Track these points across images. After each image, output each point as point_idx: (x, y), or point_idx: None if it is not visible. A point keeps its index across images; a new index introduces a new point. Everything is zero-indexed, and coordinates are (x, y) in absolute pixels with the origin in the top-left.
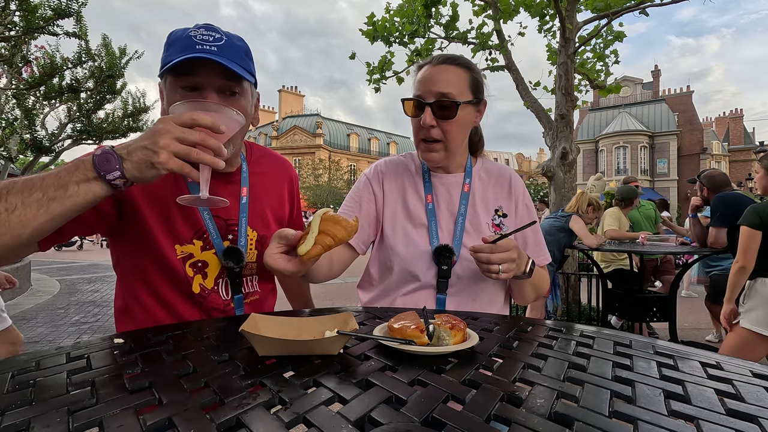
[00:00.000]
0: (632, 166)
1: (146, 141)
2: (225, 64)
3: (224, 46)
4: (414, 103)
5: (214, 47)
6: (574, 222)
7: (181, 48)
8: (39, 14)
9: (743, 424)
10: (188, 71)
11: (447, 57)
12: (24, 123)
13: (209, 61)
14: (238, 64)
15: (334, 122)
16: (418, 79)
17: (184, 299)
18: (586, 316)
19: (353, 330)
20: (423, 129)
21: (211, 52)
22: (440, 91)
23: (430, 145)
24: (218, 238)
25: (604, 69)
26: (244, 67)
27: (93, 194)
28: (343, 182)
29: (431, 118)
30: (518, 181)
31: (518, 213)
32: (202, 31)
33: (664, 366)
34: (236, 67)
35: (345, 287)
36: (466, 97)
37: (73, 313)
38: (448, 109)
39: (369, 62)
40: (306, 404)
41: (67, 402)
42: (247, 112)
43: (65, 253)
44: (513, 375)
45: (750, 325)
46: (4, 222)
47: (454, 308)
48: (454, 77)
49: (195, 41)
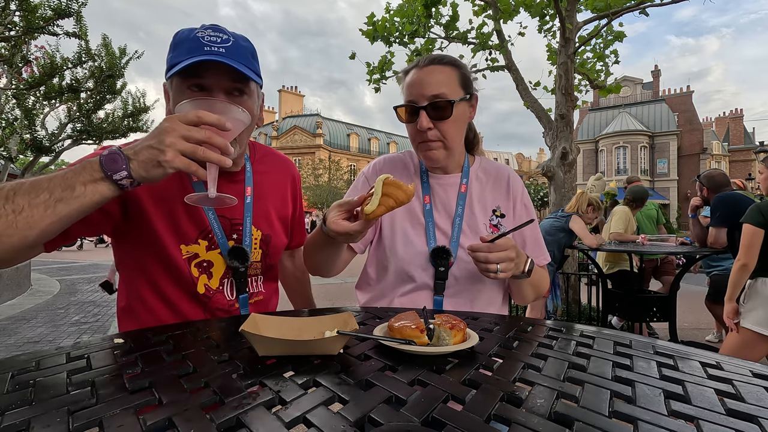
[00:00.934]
0: (632, 166)
1: (152, 140)
2: (234, 66)
3: (231, 47)
4: (407, 109)
5: (222, 48)
6: (574, 222)
7: (189, 49)
8: (39, 14)
9: (743, 424)
10: (197, 73)
11: (433, 57)
12: (24, 123)
13: (217, 62)
14: (245, 65)
15: (334, 122)
16: (407, 84)
17: (188, 299)
18: (586, 316)
19: (353, 330)
20: (420, 133)
21: (220, 53)
22: (432, 92)
23: (430, 145)
24: (223, 237)
25: (604, 69)
26: (250, 68)
27: (100, 195)
28: (343, 182)
29: (427, 121)
30: (516, 180)
31: (516, 212)
32: (209, 32)
33: (664, 366)
34: (244, 69)
35: (345, 287)
36: (459, 94)
37: (73, 313)
38: (443, 110)
39: (369, 62)
40: (306, 404)
41: (67, 402)
42: (253, 112)
43: (65, 253)
44: (513, 375)
45: (750, 325)
46: (12, 223)
47: (452, 309)
48: (444, 77)
49: (203, 42)
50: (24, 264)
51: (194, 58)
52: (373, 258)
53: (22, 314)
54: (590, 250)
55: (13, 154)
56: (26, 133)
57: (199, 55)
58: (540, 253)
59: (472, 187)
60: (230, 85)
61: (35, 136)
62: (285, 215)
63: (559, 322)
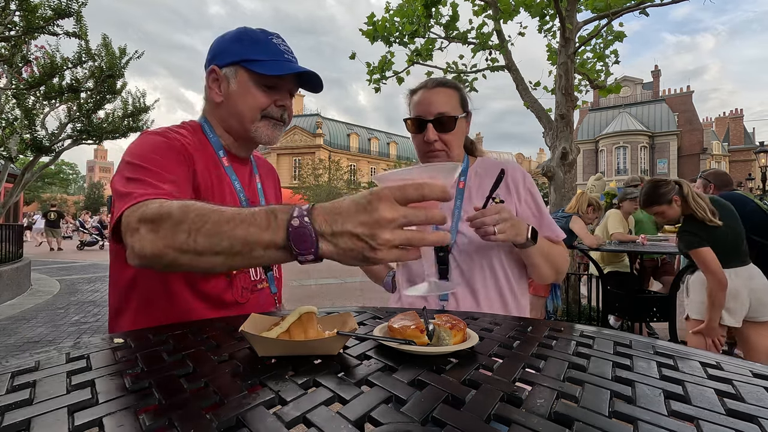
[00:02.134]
0: (632, 166)
1: (362, 228)
2: (318, 79)
3: (295, 56)
4: (416, 122)
5: (294, 58)
6: (574, 222)
7: (272, 53)
8: (39, 14)
9: (743, 424)
10: (281, 77)
11: (439, 81)
12: (24, 123)
13: (295, 70)
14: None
15: (334, 122)
16: (415, 102)
17: (215, 280)
18: (586, 316)
19: (352, 330)
20: (427, 144)
21: (296, 63)
22: (438, 110)
23: (435, 154)
24: None
25: (604, 69)
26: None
27: (275, 260)
28: (343, 182)
29: (434, 134)
30: (516, 171)
31: (521, 197)
32: (280, 41)
33: (664, 366)
34: (316, 78)
35: (345, 287)
36: (459, 112)
37: (73, 313)
38: (447, 124)
39: (369, 62)
40: (306, 404)
41: (67, 402)
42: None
43: (65, 254)
44: (513, 375)
45: (697, 316)
46: (194, 264)
47: (454, 295)
48: (448, 97)
49: (280, 50)
50: (24, 264)
51: (289, 66)
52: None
53: (22, 314)
54: (590, 250)
55: (13, 153)
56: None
57: (284, 61)
58: (546, 226)
59: (471, 183)
60: (293, 89)
61: (35, 136)
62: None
63: (559, 322)
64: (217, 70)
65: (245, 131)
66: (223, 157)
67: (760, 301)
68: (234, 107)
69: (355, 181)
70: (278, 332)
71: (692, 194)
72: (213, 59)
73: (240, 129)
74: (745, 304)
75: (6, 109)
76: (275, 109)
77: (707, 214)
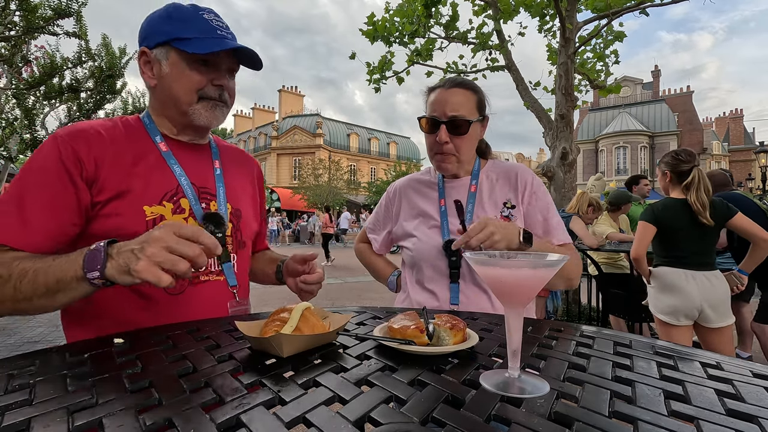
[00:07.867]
0: (632, 166)
1: (137, 245)
2: (255, 55)
3: (232, 33)
4: (429, 122)
5: (229, 34)
6: (574, 223)
7: (202, 30)
8: (39, 14)
9: (743, 424)
10: (216, 54)
11: (458, 81)
12: (24, 123)
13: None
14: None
15: (334, 122)
16: (431, 100)
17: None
18: (586, 316)
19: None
20: (438, 144)
21: (233, 40)
22: (453, 112)
23: (444, 157)
24: (197, 203)
25: (604, 69)
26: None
27: (84, 292)
28: (343, 182)
29: (446, 135)
30: (525, 174)
31: (524, 200)
32: (213, 16)
33: (664, 366)
34: (253, 54)
35: (345, 287)
36: (475, 116)
37: None
38: (460, 127)
39: (369, 62)
40: (306, 404)
41: (67, 402)
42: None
43: None
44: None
45: (654, 312)
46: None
47: (467, 298)
48: (464, 99)
49: (212, 26)
50: None
51: (222, 42)
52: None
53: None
54: (590, 250)
55: (13, 154)
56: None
57: (217, 38)
58: (552, 230)
59: (483, 186)
60: (233, 67)
61: (35, 136)
62: (253, 196)
63: (559, 322)
64: (147, 52)
65: (183, 114)
66: (160, 143)
67: (715, 309)
68: (168, 90)
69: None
70: (290, 330)
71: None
72: (143, 40)
73: (177, 112)
74: (694, 312)
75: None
76: (212, 89)
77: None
